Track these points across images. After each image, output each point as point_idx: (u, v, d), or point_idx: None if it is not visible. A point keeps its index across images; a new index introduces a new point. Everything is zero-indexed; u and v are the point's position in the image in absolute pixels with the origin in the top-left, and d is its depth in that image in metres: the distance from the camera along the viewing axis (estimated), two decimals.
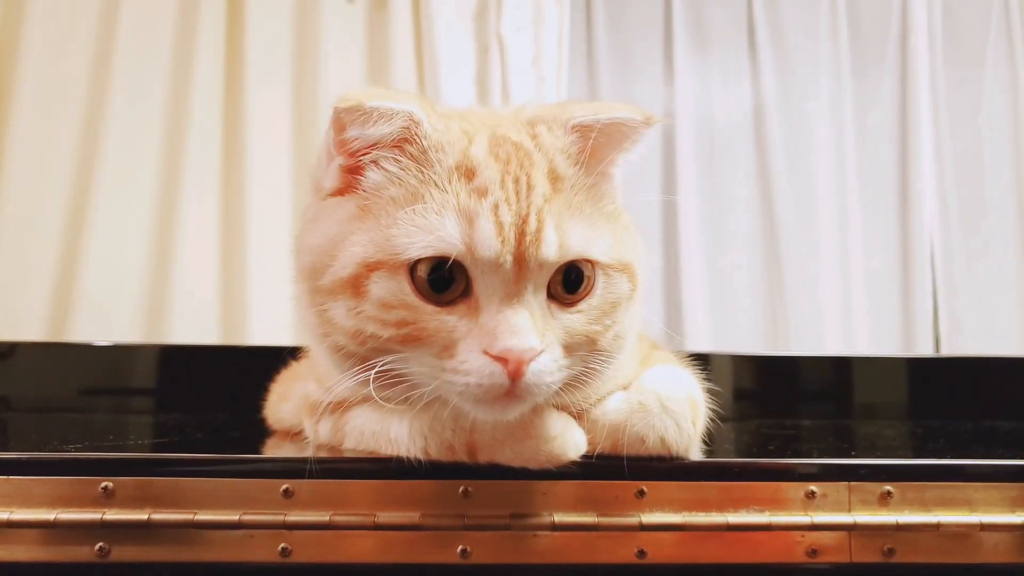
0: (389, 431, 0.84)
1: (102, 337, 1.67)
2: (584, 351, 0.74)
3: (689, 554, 0.82)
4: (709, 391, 0.90)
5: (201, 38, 1.85)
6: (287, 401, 1.09)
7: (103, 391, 1.58)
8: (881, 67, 2.22)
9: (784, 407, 1.60)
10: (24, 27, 1.78)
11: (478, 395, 0.69)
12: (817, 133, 2.17)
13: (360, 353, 0.73)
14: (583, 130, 0.75)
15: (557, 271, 0.72)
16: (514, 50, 1.95)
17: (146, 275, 1.78)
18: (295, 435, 1.03)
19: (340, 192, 0.77)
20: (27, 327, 1.71)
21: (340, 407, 0.92)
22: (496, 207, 0.69)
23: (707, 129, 2.19)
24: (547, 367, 0.69)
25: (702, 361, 0.96)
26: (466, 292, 0.70)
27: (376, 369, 0.71)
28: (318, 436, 0.95)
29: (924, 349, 2.07)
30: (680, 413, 0.82)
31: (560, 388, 0.74)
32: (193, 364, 1.59)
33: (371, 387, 0.72)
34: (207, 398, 1.52)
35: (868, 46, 2.23)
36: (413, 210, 0.70)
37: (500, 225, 0.69)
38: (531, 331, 0.68)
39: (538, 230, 0.69)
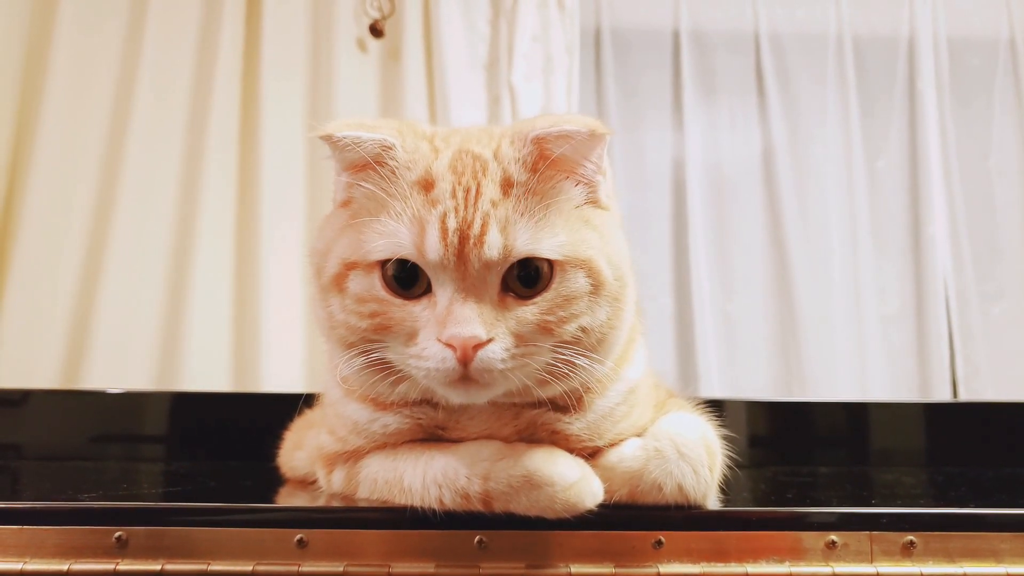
0: (403, 480, 0.84)
1: (115, 384, 1.67)
2: (541, 340, 0.78)
3: None
4: (725, 438, 0.90)
5: (217, 87, 1.87)
6: (301, 449, 1.09)
7: (116, 439, 1.58)
8: (889, 111, 2.23)
9: (800, 454, 1.58)
10: (46, 80, 1.82)
11: (438, 378, 0.76)
12: (827, 178, 2.17)
13: (355, 344, 0.81)
14: (539, 141, 0.80)
15: (512, 267, 0.78)
16: (525, 98, 1.97)
17: (159, 323, 1.79)
18: (309, 483, 1.03)
19: (344, 204, 0.86)
20: (40, 374, 1.71)
21: (353, 456, 0.92)
22: (444, 215, 0.77)
23: (717, 174, 2.19)
24: (497, 355, 0.75)
25: (717, 407, 0.95)
26: (429, 288, 0.79)
27: (369, 358, 0.80)
28: (332, 485, 0.95)
29: (941, 394, 2.04)
30: (697, 460, 0.82)
31: (547, 378, 0.79)
32: (206, 411, 1.59)
33: (362, 373, 0.82)
34: (220, 446, 1.52)
35: (875, 90, 2.24)
36: (379, 219, 0.80)
37: (445, 231, 0.76)
38: (476, 321, 0.75)
39: (481, 233, 0.76)
